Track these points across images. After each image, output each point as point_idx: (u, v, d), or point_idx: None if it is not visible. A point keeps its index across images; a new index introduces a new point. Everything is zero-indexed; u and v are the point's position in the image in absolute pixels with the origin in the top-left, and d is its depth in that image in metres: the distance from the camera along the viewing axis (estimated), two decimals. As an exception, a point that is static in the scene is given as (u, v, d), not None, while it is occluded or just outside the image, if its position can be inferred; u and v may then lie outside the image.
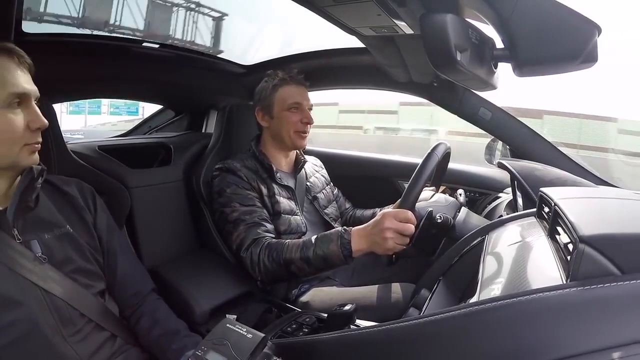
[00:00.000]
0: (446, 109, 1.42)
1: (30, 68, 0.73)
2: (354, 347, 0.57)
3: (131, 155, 1.32)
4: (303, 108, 1.25)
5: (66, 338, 0.71)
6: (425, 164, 0.96)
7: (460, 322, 0.47)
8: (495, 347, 0.44)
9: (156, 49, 1.30)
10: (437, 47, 0.56)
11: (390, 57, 1.15)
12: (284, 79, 1.26)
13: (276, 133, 1.26)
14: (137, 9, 1.59)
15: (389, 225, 0.91)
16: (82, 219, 0.83)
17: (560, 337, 0.41)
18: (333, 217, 1.34)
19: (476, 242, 0.82)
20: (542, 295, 0.43)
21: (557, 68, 0.59)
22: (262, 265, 1.05)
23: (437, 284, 0.83)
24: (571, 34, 0.54)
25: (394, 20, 0.82)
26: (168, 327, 0.85)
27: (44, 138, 0.92)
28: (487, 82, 0.67)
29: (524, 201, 0.99)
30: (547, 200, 0.66)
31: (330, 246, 0.98)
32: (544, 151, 1.30)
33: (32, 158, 0.72)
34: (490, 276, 0.61)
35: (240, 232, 1.11)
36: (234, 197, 1.15)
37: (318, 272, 1.05)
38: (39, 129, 0.72)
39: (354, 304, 0.77)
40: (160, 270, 1.15)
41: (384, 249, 0.93)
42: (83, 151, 1.18)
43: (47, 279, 0.71)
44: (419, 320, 0.50)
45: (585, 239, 0.44)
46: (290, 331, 0.81)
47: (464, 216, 1.11)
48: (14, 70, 0.69)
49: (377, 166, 1.71)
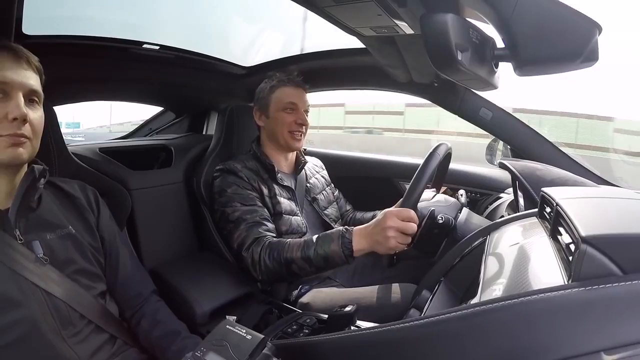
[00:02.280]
0: (447, 109, 1.42)
1: (33, 65, 0.73)
2: (355, 348, 0.56)
3: (132, 157, 1.33)
4: (298, 109, 1.25)
5: (66, 339, 0.72)
6: (426, 164, 0.96)
7: (461, 323, 0.46)
8: (497, 348, 0.44)
9: (156, 50, 1.30)
10: (438, 47, 0.56)
11: (391, 58, 1.15)
12: (282, 80, 1.27)
13: (271, 133, 1.27)
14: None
15: (392, 224, 0.90)
16: (85, 219, 0.83)
17: (562, 337, 0.40)
18: (333, 219, 1.34)
19: (477, 243, 0.82)
20: (543, 295, 0.42)
21: (557, 67, 0.58)
22: (263, 265, 1.05)
23: (438, 284, 0.83)
24: (572, 33, 0.54)
25: (394, 20, 0.82)
26: (168, 328, 0.85)
27: (45, 140, 0.93)
28: (487, 82, 0.66)
29: (526, 201, 0.99)
30: (549, 201, 0.65)
31: (332, 246, 0.98)
32: (545, 151, 1.30)
33: (11, 151, 0.68)
34: (491, 277, 0.61)
35: (241, 231, 1.11)
36: (235, 196, 1.15)
37: (319, 271, 1.05)
38: (16, 119, 0.67)
39: (354, 305, 0.77)
40: (161, 272, 1.15)
41: (386, 248, 0.92)
42: (84, 153, 1.19)
43: (48, 280, 0.71)
44: (420, 321, 0.50)
45: (587, 239, 0.44)
46: (290, 332, 0.81)
47: (465, 217, 1.11)
48: (5, 62, 0.69)
49: (378, 167, 1.70)
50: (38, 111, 0.73)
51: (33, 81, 0.72)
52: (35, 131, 0.72)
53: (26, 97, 0.71)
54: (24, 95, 0.70)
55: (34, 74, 0.73)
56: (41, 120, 0.74)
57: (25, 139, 0.70)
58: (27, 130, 0.70)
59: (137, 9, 1.37)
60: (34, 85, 0.72)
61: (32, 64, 0.73)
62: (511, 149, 1.38)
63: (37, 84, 0.73)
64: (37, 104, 0.73)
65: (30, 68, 0.72)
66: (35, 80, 0.73)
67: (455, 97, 1.37)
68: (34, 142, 0.72)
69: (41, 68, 0.75)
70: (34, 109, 0.72)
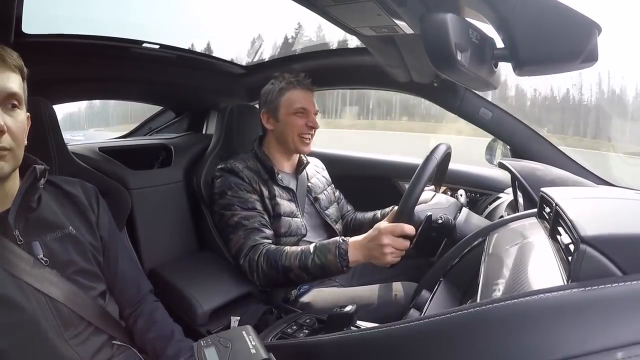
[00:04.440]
0: (447, 109, 1.42)
1: (11, 64, 0.66)
2: (354, 348, 0.56)
3: (132, 157, 1.33)
4: (309, 113, 1.25)
5: (67, 340, 0.72)
6: (423, 168, 0.96)
7: (460, 323, 0.46)
8: (496, 348, 0.44)
9: (156, 49, 1.30)
10: (438, 47, 0.56)
11: (391, 57, 1.15)
12: (291, 82, 1.25)
13: (281, 136, 1.26)
14: (138, 10, 1.58)
15: (387, 241, 0.94)
16: (85, 218, 0.82)
17: (561, 338, 0.40)
18: (334, 219, 1.34)
19: (477, 243, 0.82)
20: (543, 296, 0.42)
21: (557, 67, 0.58)
22: (261, 272, 1.07)
23: (437, 285, 0.83)
24: (571, 33, 0.54)
25: (394, 20, 0.82)
26: (163, 331, 0.85)
27: (45, 139, 0.93)
28: (487, 82, 0.66)
29: (525, 201, 0.99)
30: (548, 201, 0.65)
31: (328, 256, 1.00)
32: (545, 151, 1.30)
33: None
34: (491, 277, 0.61)
35: (239, 237, 1.12)
36: (235, 199, 1.15)
37: (316, 279, 1.08)
38: None
39: (354, 305, 0.77)
40: (161, 271, 1.16)
41: (383, 263, 0.97)
42: (84, 152, 1.19)
43: (46, 282, 0.71)
44: (419, 321, 0.50)
45: (587, 239, 0.44)
46: (290, 332, 0.81)
47: (465, 217, 1.11)
48: None
49: (378, 167, 1.71)
50: (19, 116, 0.67)
51: (12, 83, 0.65)
52: (16, 139, 0.65)
53: (4, 103, 0.65)
54: (1, 101, 0.64)
55: (12, 74, 0.66)
56: (23, 125, 0.67)
57: (6, 151, 0.64)
58: (7, 141, 0.64)
59: (137, 9, 1.36)
60: (13, 87, 0.65)
61: (10, 63, 0.65)
62: (511, 148, 1.38)
63: (16, 85, 0.66)
64: (18, 108, 0.67)
65: (9, 68, 0.65)
66: (15, 81, 0.66)
67: (455, 97, 1.37)
68: (16, 152, 0.66)
69: (21, 64, 0.68)
70: (14, 114, 0.66)
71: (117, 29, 1.21)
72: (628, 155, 2.47)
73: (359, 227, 1.36)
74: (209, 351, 0.53)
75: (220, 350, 0.53)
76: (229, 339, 0.54)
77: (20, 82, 0.68)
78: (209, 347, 0.53)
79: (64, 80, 1.22)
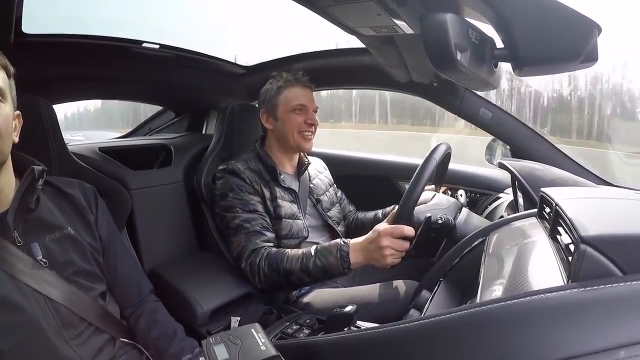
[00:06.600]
0: (447, 109, 1.42)
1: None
2: (354, 348, 0.56)
3: (132, 157, 1.33)
4: (308, 110, 1.24)
5: (68, 341, 0.71)
6: (422, 169, 0.96)
7: (461, 324, 0.46)
8: (496, 348, 0.44)
9: (156, 49, 1.30)
10: (437, 47, 0.56)
11: (390, 57, 1.15)
12: (288, 80, 1.24)
13: (281, 135, 1.25)
14: (137, 10, 1.59)
15: (387, 243, 0.95)
16: (84, 219, 0.82)
17: (561, 338, 0.40)
18: (336, 220, 1.34)
19: (477, 243, 0.82)
20: (543, 296, 0.42)
21: (557, 67, 0.59)
22: (262, 275, 1.07)
23: (438, 285, 0.83)
24: (571, 33, 0.54)
25: (393, 20, 0.82)
26: (165, 330, 0.85)
27: (45, 139, 0.93)
28: (487, 82, 0.67)
29: (525, 201, 0.99)
30: (548, 201, 0.65)
31: (330, 258, 1.01)
32: (545, 151, 1.30)
33: None
34: (491, 277, 0.61)
35: (240, 240, 1.12)
36: (236, 201, 1.15)
37: (317, 282, 1.08)
38: None
39: (354, 305, 0.77)
40: (161, 272, 1.15)
41: (383, 265, 0.97)
42: (83, 153, 1.19)
43: (45, 283, 0.71)
44: (419, 321, 0.50)
45: (587, 239, 0.44)
46: (290, 332, 0.81)
47: (465, 217, 1.11)
48: None
49: (378, 167, 1.71)
50: (3, 110, 0.66)
51: None
52: (0, 134, 0.65)
53: None
54: None
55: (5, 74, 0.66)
56: (7, 119, 0.67)
57: None
58: None
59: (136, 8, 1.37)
60: None
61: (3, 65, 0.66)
62: (510, 148, 1.38)
63: (0, 81, 0.66)
64: (2, 102, 0.67)
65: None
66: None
67: (454, 97, 1.37)
68: (1, 146, 0.66)
69: (5, 63, 0.68)
70: None
71: (117, 29, 1.21)
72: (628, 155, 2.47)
73: (361, 227, 1.36)
74: (219, 348, 0.53)
75: (230, 348, 0.53)
76: (238, 337, 0.55)
77: (5, 78, 0.68)
78: (218, 344, 0.54)
79: (64, 80, 1.22)
